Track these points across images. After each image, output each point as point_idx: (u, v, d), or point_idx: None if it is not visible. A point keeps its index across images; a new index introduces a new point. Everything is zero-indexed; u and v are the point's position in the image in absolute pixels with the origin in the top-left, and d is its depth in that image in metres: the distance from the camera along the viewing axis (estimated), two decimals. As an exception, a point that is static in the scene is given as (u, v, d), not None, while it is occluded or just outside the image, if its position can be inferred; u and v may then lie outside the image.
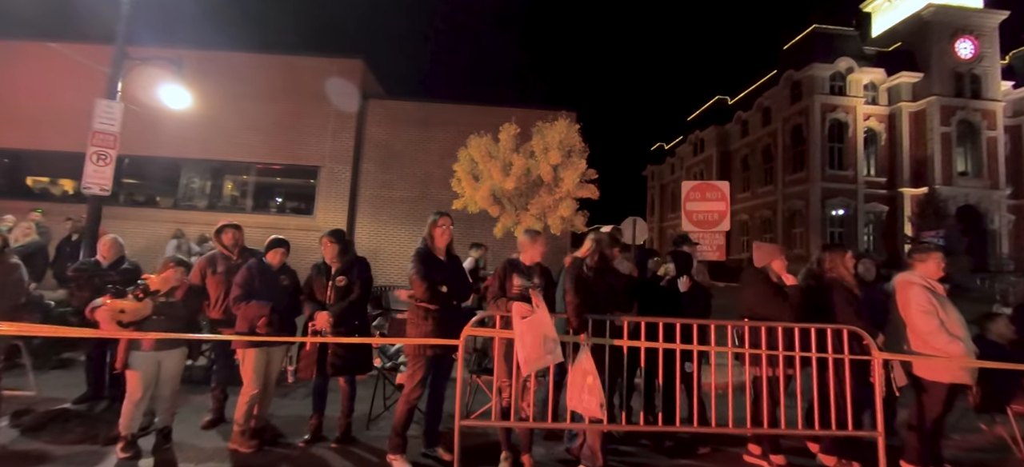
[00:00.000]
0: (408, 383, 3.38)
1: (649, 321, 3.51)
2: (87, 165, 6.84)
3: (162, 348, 3.47)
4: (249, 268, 3.73)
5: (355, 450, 3.71)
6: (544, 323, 3.21)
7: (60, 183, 13.75)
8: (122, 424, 3.41)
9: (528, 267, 3.51)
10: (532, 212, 7.34)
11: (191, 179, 13.33)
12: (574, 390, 3.14)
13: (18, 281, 3.56)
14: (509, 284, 3.44)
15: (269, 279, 3.75)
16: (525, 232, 3.66)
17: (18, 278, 3.56)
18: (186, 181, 13.33)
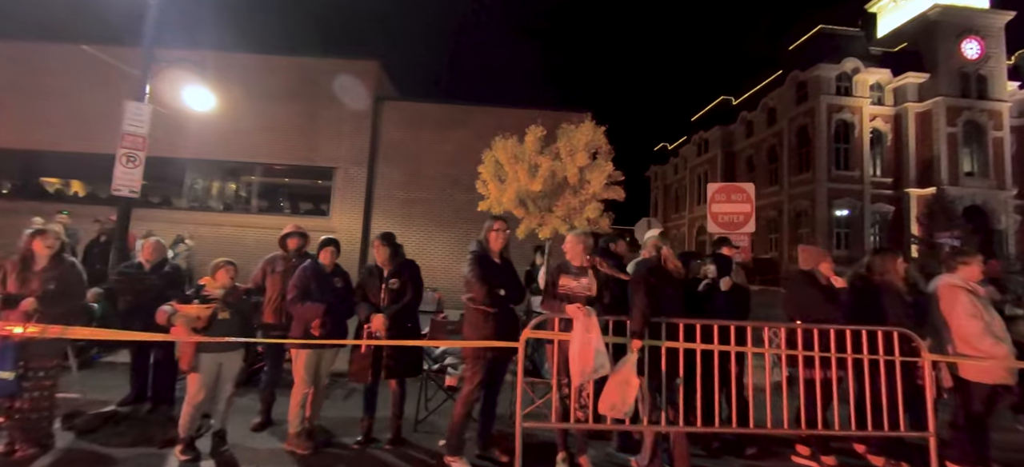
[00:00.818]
0: (467, 385, 3.40)
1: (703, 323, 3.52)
2: (117, 167, 6.87)
3: (223, 350, 3.49)
4: (304, 269, 3.76)
5: (409, 452, 3.73)
6: (596, 336, 3.22)
7: (70, 184, 13.75)
8: (181, 426, 3.43)
9: (578, 268, 3.52)
10: (558, 214, 7.37)
11: (205, 180, 13.34)
12: (609, 393, 3.16)
13: (80, 282, 3.57)
14: (558, 285, 3.46)
15: (323, 280, 3.77)
16: (572, 233, 3.65)
17: (80, 279, 3.58)
18: (201, 182, 13.34)
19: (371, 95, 12.81)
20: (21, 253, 3.40)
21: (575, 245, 3.55)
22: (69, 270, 3.49)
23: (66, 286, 3.42)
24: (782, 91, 30.62)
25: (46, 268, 3.40)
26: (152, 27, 7.17)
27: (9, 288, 3.31)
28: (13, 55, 12.95)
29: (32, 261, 3.40)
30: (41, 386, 3.30)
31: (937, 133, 25.83)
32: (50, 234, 3.47)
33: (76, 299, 3.50)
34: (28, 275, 3.35)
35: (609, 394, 3.13)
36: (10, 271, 3.38)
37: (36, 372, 3.28)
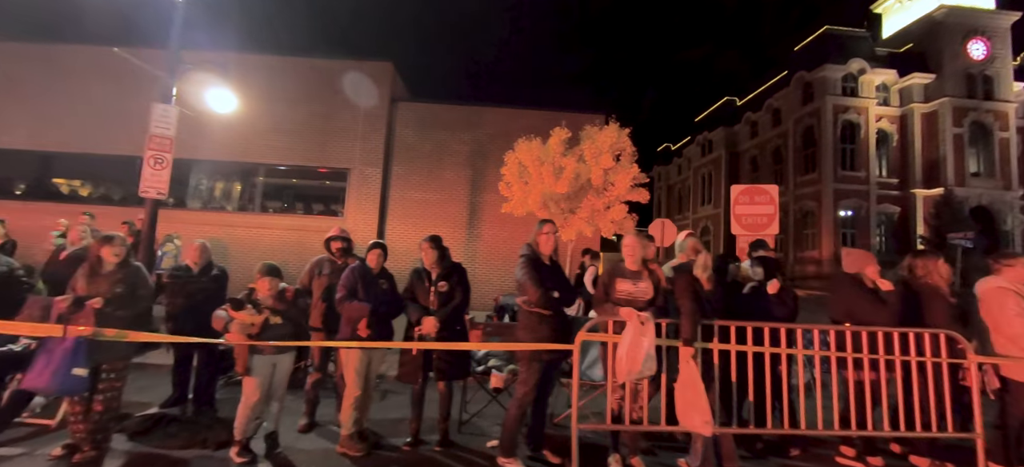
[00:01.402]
0: (522, 387, 3.42)
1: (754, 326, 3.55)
2: (145, 169, 6.88)
3: (277, 353, 3.52)
4: (352, 270, 3.78)
5: (460, 453, 3.75)
6: (649, 338, 3.24)
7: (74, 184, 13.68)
8: (237, 428, 3.45)
9: (634, 272, 3.52)
10: (582, 216, 7.39)
11: (219, 181, 13.34)
12: (685, 406, 3.18)
13: (146, 286, 3.60)
14: (613, 290, 3.48)
15: (370, 282, 3.79)
16: (630, 236, 3.65)
17: (146, 283, 3.60)
18: (215, 183, 13.35)
19: (386, 96, 12.84)
20: (90, 259, 3.45)
21: (633, 248, 3.54)
22: (135, 274, 3.52)
23: (133, 289, 3.45)
24: (787, 92, 30.65)
25: (113, 272, 3.43)
26: (178, 29, 7.18)
27: (78, 291, 3.35)
28: (25, 55, 12.96)
29: (100, 266, 3.43)
30: (112, 387, 3.33)
31: (943, 134, 25.87)
32: (118, 241, 3.50)
33: (143, 302, 3.52)
34: (97, 279, 3.39)
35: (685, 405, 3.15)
36: (80, 275, 3.42)
37: (108, 373, 3.31)
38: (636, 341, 3.25)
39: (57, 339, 3.16)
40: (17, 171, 13.37)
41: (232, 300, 3.44)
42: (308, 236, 12.44)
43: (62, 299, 3.29)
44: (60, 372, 3.10)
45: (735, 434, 3.72)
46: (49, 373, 3.08)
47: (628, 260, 3.54)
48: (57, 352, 3.12)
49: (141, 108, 12.12)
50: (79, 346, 3.14)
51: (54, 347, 3.14)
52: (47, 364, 3.10)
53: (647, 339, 3.25)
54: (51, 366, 3.10)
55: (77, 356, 3.13)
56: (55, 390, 3.15)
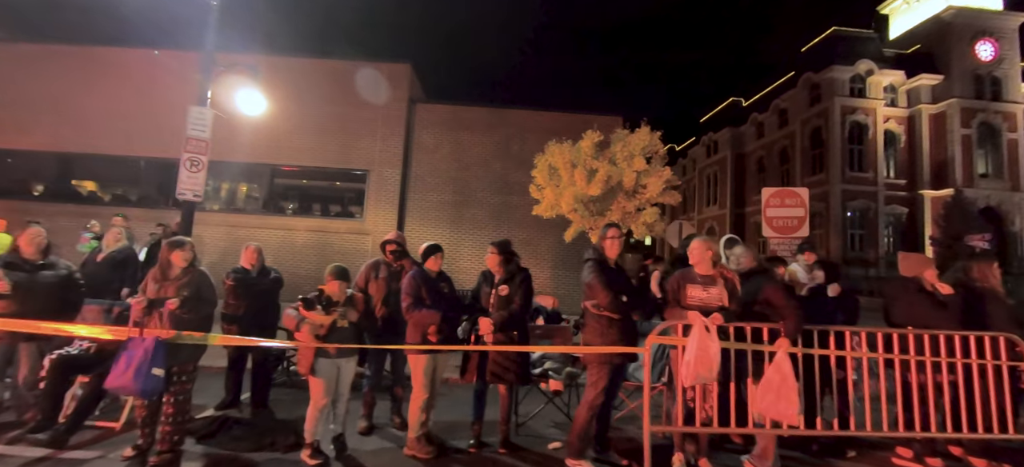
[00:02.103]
0: (592, 391, 3.44)
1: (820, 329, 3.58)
2: (181, 171, 6.90)
3: (342, 355, 3.54)
4: (414, 277, 3.79)
5: (525, 456, 3.77)
6: (716, 343, 3.26)
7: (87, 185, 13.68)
8: (308, 431, 3.47)
9: (705, 277, 3.52)
10: (612, 218, 7.41)
11: (240, 182, 13.37)
12: (770, 397, 3.21)
13: (212, 289, 3.62)
14: (683, 296, 3.49)
15: (432, 286, 3.81)
16: (699, 240, 3.63)
17: (211, 287, 3.62)
18: (235, 185, 13.38)
19: (404, 98, 12.88)
20: (160, 263, 3.47)
21: (703, 253, 3.53)
22: (202, 278, 3.55)
23: (198, 293, 3.47)
24: (795, 93, 30.70)
25: (181, 276, 3.46)
26: (213, 31, 7.20)
27: (149, 294, 3.37)
28: (43, 57, 12.98)
29: (169, 269, 3.46)
30: (183, 389, 3.36)
31: (951, 135, 25.92)
32: (187, 246, 3.53)
33: (208, 306, 3.54)
34: (166, 283, 3.41)
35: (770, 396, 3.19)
36: (150, 279, 3.45)
37: (179, 376, 3.33)
38: (703, 345, 3.27)
39: (137, 341, 3.19)
40: (35, 172, 13.39)
41: (304, 299, 3.46)
42: (328, 237, 12.50)
43: (137, 301, 3.32)
44: (141, 373, 3.13)
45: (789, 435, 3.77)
46: (131, 374, 3.11)
47: (699, 265, 3.53)
48: (138, 354, 3.15)
49: (157, 109, 12.28)
50: (158, 348, 3.17)
51: (135, 349, 3.17)
52: (128, 365, 3.13)
53: (714, 343, 3.28)
54: (132, 367, 3.12)
55: (156, 358, 3.16)
56: (136, 391, 3.17)
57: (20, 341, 3.87)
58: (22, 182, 13.30)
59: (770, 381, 3.28)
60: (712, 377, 3.25)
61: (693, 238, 3.70)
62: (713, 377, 3.26)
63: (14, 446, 3.49)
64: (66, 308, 4.12)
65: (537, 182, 8.07)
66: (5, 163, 13.01)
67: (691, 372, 3.26)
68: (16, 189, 13.01)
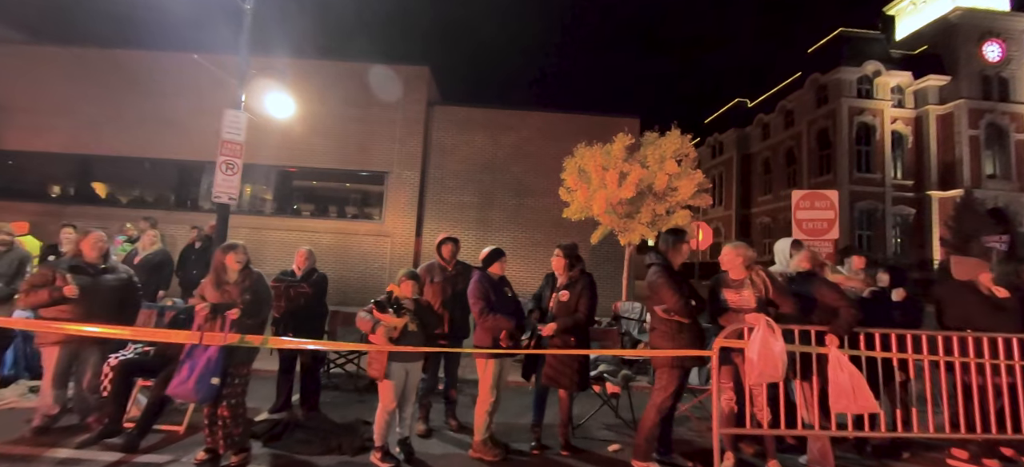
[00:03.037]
0: (661, 394, 3.47)
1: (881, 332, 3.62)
2: (217, 174, 6.93)
3: (410, 359, 3.57)
4: (480, 281, 3.82)
5: (586, 457, 3.81)
6: (781, 342, 3.31)
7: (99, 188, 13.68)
8: (377, 435, 3.50)
9: (737, 281, 3.59)
10: (643, 220, 7.46)
11: (259, 184, 13.39)
12: (843, 399, 3.24)
13: (268, 293, 3.65)
14: (720, 300, 3.56)
15: (499, 291, 3.84)
16: (730, 246, 3.70)
17: (267, 290, 3.66)
18: (255, 186, 13.40)
19: (422, 100, 12.91)
20: (215, 267, 3.50)
21: (734, 258, 3.61)
22: (259, 281, 3.57)
23: (257, 296, 3.50)
24: (801, 94, 30.76)
25: (238, 281, 3.48)
26: (247, 34, 7.23)
27: (209, 299, 3.40)
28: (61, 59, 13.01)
29: (224, 273, 3.48)
30: (236, 393, 3.37)
31: (959, 136, 25.98)
32: (240, 248, 3.55)
33: (268, 308, 3.58)
34: (224, 287, 3.44)
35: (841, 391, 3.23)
36: (207, 284, 3.47)
37: (233, 378, 3.35)
38: (767, 344, 3.31)
39: (200, 347, 3.22)
40: (53, 175, 13.42)
41: (377, 302, 3.49)
42: (347, 239, 12.52)
43: (202, 307, 3.33)
44: (203, 380, 3.16)
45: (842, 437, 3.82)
46: (193, 381, 3.14)
47: (730, 270, 3.61)
48: (201, 361, 3.18)
49: (172, 112, 12.32)
50: (219, 355, 3.19)
51: (198, 356, 3.19)
52: (190, 373, 3.16)
53: (778, 343, 3.31)
54: (195, 374, 3.15)
55: (217, 364, 3.18)
56: (198, 398, 3.20)
57: (84, 345, 3.90)
58: (40, 184, 13.34)
59: (837, 382, 3.32)
60: (778, 376, 3.29)
61: (726, 245, 3.76)
62: (779, 376, 3.30)
63: (84, 450, 3.51)
64: (125, 312, 4.16)
65: (567, 184, 8.10)
66: (24, 165, 13.03)
67: (755, 371, 3.30)
68: (34, 192, 13.04)
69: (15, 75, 12.79)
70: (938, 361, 3.77)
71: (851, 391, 3.22)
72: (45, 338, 3.76)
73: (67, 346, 3.80)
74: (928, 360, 3.67)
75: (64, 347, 3.79)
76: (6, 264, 5.80)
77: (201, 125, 12.17)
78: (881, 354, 3.59)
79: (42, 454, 3.44)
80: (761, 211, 35.13)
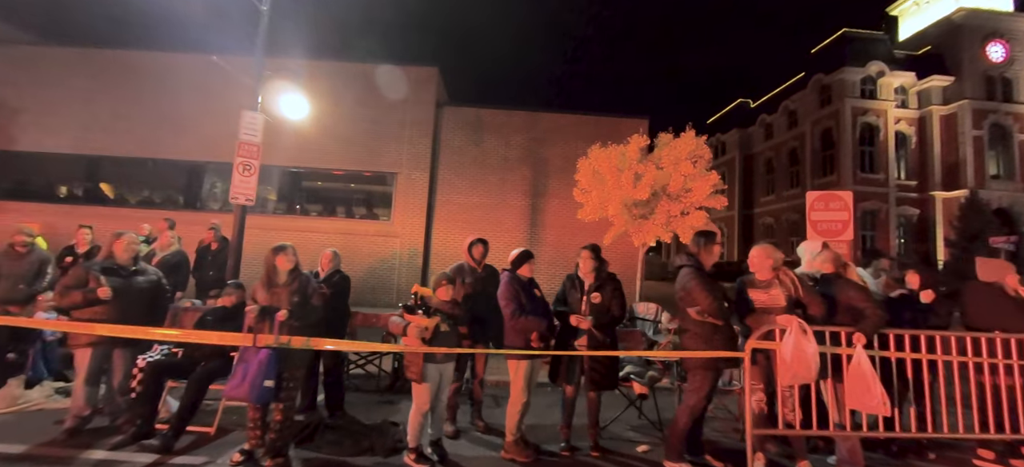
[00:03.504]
0: (694, 396, 3.49)
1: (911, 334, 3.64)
2: (234, 175, 6.95)
3: (445, 361, 3.59)
4: (511, 283, 3.84)
5: (617, 458, 3.82)
6: (813, 343, 3.33)
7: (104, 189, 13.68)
8: (411, 435, 3.52)
9: (764, 281, 3.61)
10: (657, 221, 7.47)
11: (268, 185, 13.39)
12: (856, 391, 3.27)
13: (318, 294, 3.66)
14: (751, 299, 3.58)
15: (529, 292, 3.86)
16: (758, 247, 3.73)
17: (317, 291, 3.67)
18: (263, 187, 13.40)
19: (431, 101, 12.93)
20: (266, 268, 3.51)
21: (764, 259, 3.63)
22: (307, 283, 3.59)
23: (306, 298, 3.51)
24: (804, 94, 30.76)
25: (288, 282, 3.50)
26: (263, 36, 7.25)
27: (259, 301, 3.41)
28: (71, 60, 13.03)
29: (275, 275, 3.50)
30: (290, 397, 3.39)
31: (963, 136, 25.98)
32: (289, 249, 3.57)
33: (315, 311, 3.58)
34: (275, 289, 3.45)
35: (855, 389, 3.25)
36: (259, 286, 3.49)
37: (288, 382, 3.37)
38: (800, 345, 3.33)
39: (252, 350, 3.23)
40: (61, 175, 13.43)
41: (406, 305, 3.51)
42: (356, 240, 12.53)
43: (251, 309, 3.36)
44: (257, 382, 3.17)
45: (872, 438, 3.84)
46: (248, 384, 3.15)
47: (757, 272, 3.64)
48: (253, 363, 3.19)
49: (180, 112, 12.34)
50: (272, 357, 3.21)
51: (251, 358, 3.21)
52: (244, 377, 3.17)
53: (811, 344, 3.34)
54: (249, 376, 3.16)
55: (270, 367, 3.20)
56: (253, 400, 3.21)
57: (115, 347, 3.91)
58: (49, 185, 13.35)
59: (853, 380, 3.34)
60: (811, 376, 3.32)
61: (754, 246, 3.77)
62: (812, 377, 3.32)
63: (119, 451, 3.52)
64: (156, 313, 4.18)
65: (581, 186, 8.12)
66: (33, 166, 13.05)
67: (789, 372, 3.32)
68: (41, 192, 13.06)
69: (24, 76, 12.82)
70: (966, 362, 3.79)
71: (864, 391, 3.24)
72: (78, 340, 3.78)
73: (99, 348, 3.82)
74: (957, 361, 3.69)
75: (96, 349, 3.80)
76: (27, 266, 5.82)
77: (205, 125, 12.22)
78: (911, 355, 3.61)
79: (78, 456, 3.46)
80: (764, 211, 35.17)
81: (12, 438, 3.71)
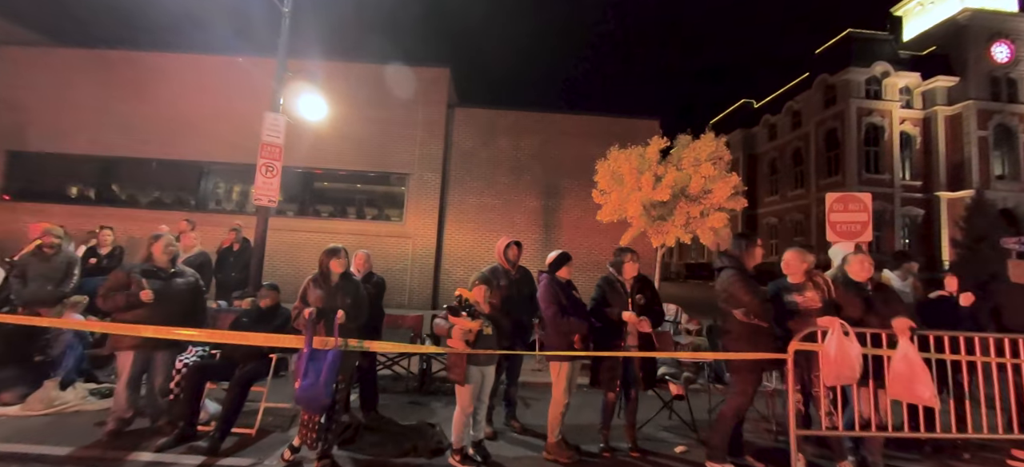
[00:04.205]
0: (739, 397, 3.52)
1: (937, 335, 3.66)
2: (257, 177, 6.97)
3: (487, 363, 3.60)
4: (550, 285, 3.86)
5: (656, 459, 3.84)
6: (856, 344, 3.35)
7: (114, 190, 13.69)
8: (455, 437, 3.54)
9: (798, 284, 3.64)
10: (677, 222, 7.51)
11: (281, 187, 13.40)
12: (901, 382, 3.29)
13: (367, 297, 3.69)
14: (789, 301, 3.61)
15: (568, 294, 3.87)
16: (792, 250, 3.75)
17: (366, 294, 3.69)
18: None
19: (442, 102, 12.95)
20: (321, 270, 3.54)
21: (798, 262, 3.66)
22: (358, 286, 3.62)
23: (357, 301, 3.54)
24: (809, 94, 30.83)
25: (340, 285, 3.52)
26: (285, 37, 7.27)
27: (313, 303, 3.43)
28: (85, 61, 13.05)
29: (329, 278, 3.52)
30: (343, 399, 3.42)
31: (968, 136, 26.04)
32: (342, 252, 3.59)
33: (364, 314, 3.61)
34: (329, 291, 3.48)
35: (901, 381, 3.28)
36: (311, 288, 3.51)
37: (340, 383, 3.40)
38: (842, 347, 3.35)
39: (321, 352, 3.25)
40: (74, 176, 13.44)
41: (450, 307, 3.53)
42: (368, 240, 12.51)
43: (309, 312, 3.37)
44: (329, 384, 3.20)
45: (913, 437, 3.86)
46: (322, 386, 3.18)
47: (791, 275, 3.67)
48: (323, 365, 3.21)
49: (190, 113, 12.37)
50: (336, 359, 3.24)
51: (319, 360, 3.23)
52: (316, 377, 3.19)
53: (854, 345, 3.36)
54: (321, 379, 3.19)
55: (336, 368, 3.22)
56: (325, 402, 3.24)
57: (158, 349, 3.93)
58: (59, 185, 13.36)
59: (898, 371, 3.35)
60: (855, 377, 3.34)
61: (788, 249, 3.79)
62: (855, 377, 3.34)
63: (166, 453, 3.53)
64: (195, 315, 4.19)
65: (600, 187, 8.16)
66: (45, 167, 13.06)
67: (833, 373, 3.35)
68: (52, 193, 13.07)
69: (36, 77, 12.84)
70: (1004, 363, 3.81)
71: (909, 380, 3.26)
72: (121, 342, 3.79)
73: (142, 350, 3.83)
74: (995, 362, 3.71)
75: (139, 351, 3.82)
76: (55, 266, 5.84)
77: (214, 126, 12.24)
78: (950, 356, 3.63)
79: (125, 458, 3.47)
80: (768, 211, 35.21)
81: (55, 440, 3.72)
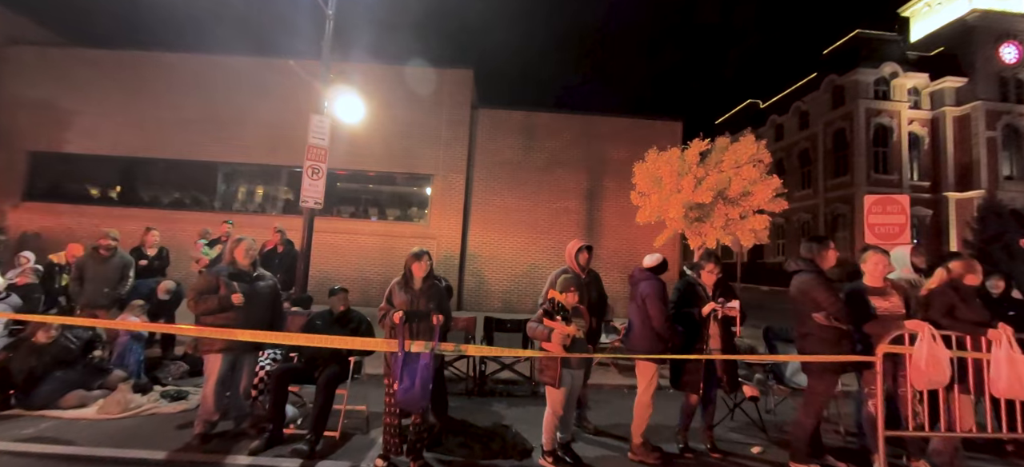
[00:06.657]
0: (820, 399, 3.58)
1: None
2: (303, 179, 7.01)
3: (579, 366, 3.66)
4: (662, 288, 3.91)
5: (736, 460, 3.90)
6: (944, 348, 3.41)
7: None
8: (546, 439, 3.60)
9: (879, 289, 3.69)
10: (716, 224, 7.56)
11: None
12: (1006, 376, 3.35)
13: (445, 299, 3.74)
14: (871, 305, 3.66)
15: (664, 299, 3.92)
16: (873, 253, 3.80)
17: (445, 296, 3.75)
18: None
19: (467, 103, 12.98)
20: (405, 273, 3.59)
21: (880, 266, 3.71)
22: (439, 288, 3.67)
23: (439, 303, 3.58)
24: (817, 95, 30.90)
25: (423, 288, 3.57)
26: (329, 40, 7.30)
27: (398, 306, 3.48)
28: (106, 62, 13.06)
29: (412, 281, 3.57)
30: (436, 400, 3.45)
31: (976, 137, 26.15)
32: (424, 256, 3.64)
33: (450, 317, 3.66)
34: (413, 295, 3.53)
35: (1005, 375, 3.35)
36: (396, 292, 3.55)
37: None
38: (933, 351, 3.42)
39: (417, 355, 3.30)
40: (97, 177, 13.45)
41: (546, 311, 3.58)
42: (393, 241, 12.58)
43: (398, 315, 3.41)
44: (426, 386, 3.25)
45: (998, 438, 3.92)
46: (418, 390, 3.22)
47: (872, 279, 3.71)
48: (420, 368, 3.26)
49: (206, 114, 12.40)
50: (431, 362, 3.28)
51: (416, 363, 3.27)
52: (413, 381, 3.23)
53: (942, 349, 3.42)
54: (418, 381, 3.23)
55: (431, 371, 3.27)
56: (424, 404, 3.29)
57: (245, 352, 3.97)
58: (83, 186, 13.36)
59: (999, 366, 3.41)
60: (944, 380, 3.40)
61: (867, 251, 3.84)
62: (945, 380, 3.40)
63: (261, 457, 3.57)
64: (276, 317, 4.23)
65: (639, 189, 8.21)
66: (68, 167, 13.07)
67: (923, 377, 3.40)
68: (76, 194, 13.08)
69: (58, 78, 12.85)
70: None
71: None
72: (210, 346, 3.83)
73: (229, 353, 3.87)
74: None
75: (226, 354, 3.85)
76: (111, 269, 5.89)
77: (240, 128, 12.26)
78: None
79: (222, 461, 3.51)
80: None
81: (142, 444, 3.75)
